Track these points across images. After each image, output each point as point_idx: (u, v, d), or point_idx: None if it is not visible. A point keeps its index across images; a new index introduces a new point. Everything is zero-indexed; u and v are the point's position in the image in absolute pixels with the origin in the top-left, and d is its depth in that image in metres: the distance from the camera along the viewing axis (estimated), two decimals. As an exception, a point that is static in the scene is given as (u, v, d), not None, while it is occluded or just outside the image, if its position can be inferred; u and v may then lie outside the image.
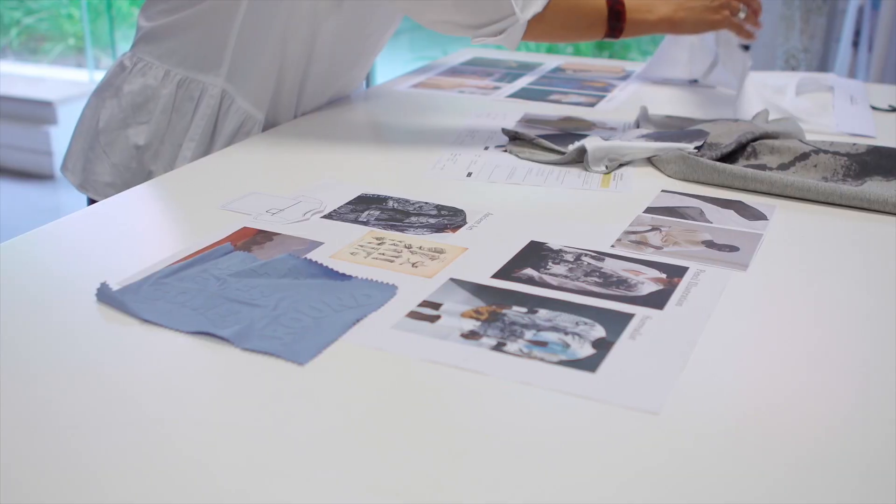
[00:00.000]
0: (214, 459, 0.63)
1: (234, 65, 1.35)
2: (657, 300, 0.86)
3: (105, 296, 0.84)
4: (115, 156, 1.38)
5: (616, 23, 1.34)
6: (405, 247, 0.97)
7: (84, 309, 0.84)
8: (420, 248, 0.97)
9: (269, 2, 1.32)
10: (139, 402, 0.70)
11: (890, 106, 1.67)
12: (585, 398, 0.70)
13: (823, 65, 3.31)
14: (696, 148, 1.27)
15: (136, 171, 1.37)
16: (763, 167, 1.25)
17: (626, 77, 1.89)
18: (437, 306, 0.84)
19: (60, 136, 4.17)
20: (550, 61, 2.02)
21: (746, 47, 1.57)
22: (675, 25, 1.40)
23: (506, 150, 1.34)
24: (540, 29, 1.31)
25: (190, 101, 1.35)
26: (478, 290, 0.87)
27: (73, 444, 0.64)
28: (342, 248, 0.97)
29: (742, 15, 1.47)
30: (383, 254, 0.95)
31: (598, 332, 0.80)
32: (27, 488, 0.60)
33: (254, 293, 0.85)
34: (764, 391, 0.72)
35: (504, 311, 0.83)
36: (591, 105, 1.65)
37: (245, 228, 1.01)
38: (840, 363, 0.77)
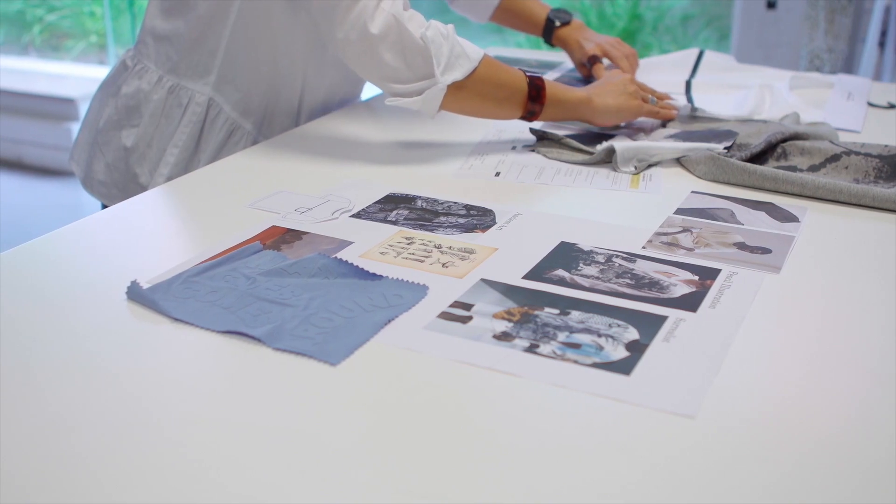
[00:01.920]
0: (244, 459, 0.62)
1: (223, 74, 1.35)
2: (690, 302, 0.85)
3: (135, 294, 0.84)
4: (109, 155, 1.40)
5: (536, 99, 1.31)
6: (435, 247, 0.96)
7: (113, 307, 0.84)
8: (450, 248, 0.96)
9: (257, 13, 1.32)
10: (168, 401, 0.69)
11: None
12: (620, 401, 0.70)
13: (848, 66, 3.29)
14: (725, 148, 1.26)
15: (124, 173, 1.38)
16: (793, 168, 1.23)
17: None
18: (468, 307, 0.83)
19: (82, 133, 4.18)
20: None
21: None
22: (594, 109, 1.36)
23: (534, 150, 1.33)
24: (459, 97, 1.26)
25: (178, 107, 1.36)
26: (509, 290, 0.87)
27: (104, 443, 0.64)
28: (372, 247, 0.96)
29: (653, 101, 1.45)
30: (413, 254, 0.95)
31: (632, 334, 0.79)
32: (62, 487, 0.60)
33: (284, 292, 0.85)
34: (799, 394, 0.72)
35: (536, 312, 0.82)
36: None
37: (274, 227, 1.01)
38: (874, 365, 0.76)
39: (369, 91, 1.63)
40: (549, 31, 1.80)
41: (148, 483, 0.60)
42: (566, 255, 0.95)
